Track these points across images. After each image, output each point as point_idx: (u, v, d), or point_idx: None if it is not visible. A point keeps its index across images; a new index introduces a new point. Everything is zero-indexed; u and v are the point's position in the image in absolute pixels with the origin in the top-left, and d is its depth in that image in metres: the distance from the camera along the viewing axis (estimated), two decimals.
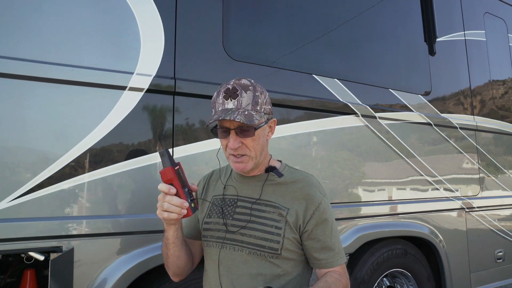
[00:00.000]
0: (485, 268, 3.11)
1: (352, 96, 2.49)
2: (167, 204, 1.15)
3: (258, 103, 1.24)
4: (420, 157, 2.78)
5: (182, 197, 1.16)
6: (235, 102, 1.21)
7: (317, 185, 1.34)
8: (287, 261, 1.27)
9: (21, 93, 1.56)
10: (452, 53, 3.18)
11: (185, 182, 1.20)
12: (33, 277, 1.69)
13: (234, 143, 1.23)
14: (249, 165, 1.27)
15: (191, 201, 1.19)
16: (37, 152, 1.58)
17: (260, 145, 1.27)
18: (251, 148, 1.25)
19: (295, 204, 1.28)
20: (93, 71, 1.69)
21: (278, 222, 1.26)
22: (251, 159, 1.27)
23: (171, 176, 1.16)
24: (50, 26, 1.64)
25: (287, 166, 1.40)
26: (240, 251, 1.27)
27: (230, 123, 1.23)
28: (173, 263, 1.33)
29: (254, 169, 1.34)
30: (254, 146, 1.25)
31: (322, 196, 1.30)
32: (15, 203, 1.51)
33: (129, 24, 1.80)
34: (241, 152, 1.25)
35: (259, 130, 1.25)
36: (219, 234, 1.31)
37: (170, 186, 1.16)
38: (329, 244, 1.29)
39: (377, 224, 2.49)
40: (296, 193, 1.29)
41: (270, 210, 1.28)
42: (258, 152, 1.27)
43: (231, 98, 1.22)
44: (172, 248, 1.29)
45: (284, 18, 2.37)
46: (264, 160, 1.35)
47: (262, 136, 1.28)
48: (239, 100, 1.22)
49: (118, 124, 1.72)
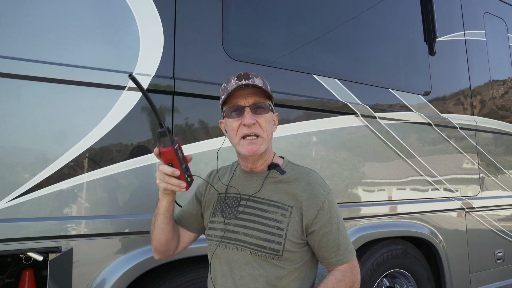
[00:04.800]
0: (485, 268, 3.11)
1: (352, 96, 2.48)
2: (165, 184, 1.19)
3: (268, 86, 1.30)
4: (420, 157, 2.78)
5: (181, 177, 1.19)
6: (249, 81, 1.24)
7: (320, 182, 1.32)
8: (289, 263, 1.26)
9: (20, 93, 1.55)
10: (452, 53, 3.17)
11: (183, 159, 1.21)
12: (31, 278, 1.69)
13: (250, 119, 1.23)
14: (262, 148, 1.26)
15: (187, 175, 1.22)
16: (36, 152, 1.58)
17: (270, 129, 1.30)
18: (264, 128, 1.26)
19: (299, 203, 1.27)
20: (92, 70, 1.68)
21: (280, 223, 1.25)
22: (264, 141, 1.27)
23: (171, 157, 1.17)
24: (49, 26, 1.64)
25: (289, 163, 1.39)
26: (243, 251, 1.27)
27: (245, 101, 1.25)
28: (156, 236, 1.35)
29: (260, 160, 1.33)
30: (266, 127, 1.27)
31: (325, 194, 1.29)
32: (14, 203, 1.51)
33: (128, 24, 1.80)
34: (255, 131, 1.25)
35: (270, 113, 1.30)
36: (222, 234, 1.31)
37: (173, 169, 1.17)
38: (335, 243, 1.28)
39: (377, 224, 2.49)
40: (299, 191, 1.28)
41: (272, 210, 1.27)
42: (269, 136, 1.29)
43: (244, 79, 1.25)
44: (160, 219, 1.31)
45: (284, 18, 2.37)
46: (270, 152, 1.36)
47: (271, 123, 1.31)
48: (252, 80, 1.25)
49: (117, 124, 1.72)
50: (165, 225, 1.33)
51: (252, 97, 1.26)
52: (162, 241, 1.37)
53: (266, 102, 1.29)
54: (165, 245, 1.38)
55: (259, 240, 1.24)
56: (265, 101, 1.29)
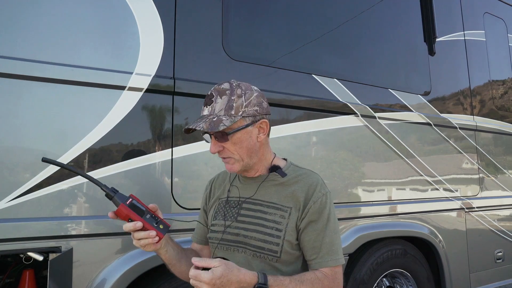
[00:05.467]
0: (485, 268, 3.11)
1: (352, 96, 2.48)
2: (136, 241, 1.19)
3: (232, 107, 1.22)
4: (420, 157, 2.78)
5: (147, 227, 1.18)
6: (209, 108, 1.23)
7: (319, 183, 1.31)
8: (288, 265, 1.25)
9: (20, 93, 1.55)
10: (451, 53, 3.18)
11: (143, 210, 1.20)
12: (32, 278, 1.69)
13: (213, 148, 1.26)
14: (235, 167, 1.27)
15: (157, 223, 1.20)
16: (36, 152, 1.57)
17: (244, 148, 1.26)
18: (233, 151, 1.25)
19: (297, 204, 1.27)
20: (92, 70, 1.68)
21: (279, 224, 1.25)
22: (236, 161, 1.27)
23: (126, 212, 1.18)
24: (49, 26, 1.64)
25: (292, 165, 1.38)
26: (244, 253, 1.27)
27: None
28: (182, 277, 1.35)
29: (251, 171, 1.33)
30: (236, 149, 1.25)
31: (320, 195, 1.27)
32: (14, 203, 1.51)
33: (128, 23, 1.80)
34: (225, 155, 1.27)
35: (239, 133, 1.23)
36: (223, 236, 1.31)
37: (134, 223, 1.17)
38: (318, 244, 1.24)
39: (376, 224, 2.49)
40: (297, 192, 1.28)
41: (272, 211, 1.27)
42: (243, 154, 1.26)
43: (207, 105, 1.25)
44: (171, 267, 1.33)
45: (284, 18, 2.37)
46: (260, 161, 1.33)
47: (246, 139, 1.26)
48: (212, 106, 1.23)
49: (117, 124, 1.72)
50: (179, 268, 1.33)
51: None
52: None
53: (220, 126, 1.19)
54: None
55: (258, 242, 1.24)
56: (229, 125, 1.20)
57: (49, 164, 1.57)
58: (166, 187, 1.82)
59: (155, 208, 1.24)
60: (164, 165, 1.82)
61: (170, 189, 1.83)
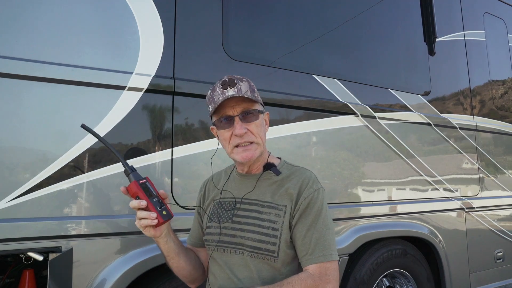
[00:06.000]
0: (485, 268, 3.11)
1: (352, 96, 2.48)
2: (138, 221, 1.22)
3: (254, 91, 1.28)
4: (420, 157, 2.78)
5: (151, 208, 1.21)
6: (235, 89, 1.23)
7: (312, 180, 1.30)
8: (286, 265, 1.25)
9: (20, 93, 1.55)
10: (451, 53, 3.18)
11: (153, 192, 1.24)
12: (32, 278, 1.69)
13: (241, 129, 1.23)
14: (257, 153, 1.27)
15: (162, 209, 1.23)
16: (36, 152, 1.58)
17: (263, 132, 1.29)
18: (256, 134, 1.26)
19: (291, 201, 1.26)
20: (92, 71, 1.68)
21: (275, 224, 1.24)
22: (258, 146, 1.27)
23: (135, 190, 1.22)
24: (49, 26, 1.64)
25: (286, 163, 1.38)
26: (241, 254, 1.26)
27: (233, 111, 1.24)
28: (178, 273, 1.37)
29: (255, 164, 1.33)
30: (259, 132, 1.27)
31: (312, 191, 1.26)
32: (14, 203, 1.51)
33: (128, 24, 1.80)
34: (248, 139, 1.25)
35: (260, 116, 1.29)
36: (219, 238, 1.31)
37: (139, 200, 1.20)
38: (307, 240, 1.22)
39: (376, 224, 2.49)
40: (290, 189, 1.28)
41: (267, 211, 1.27)
42: (263, 138, 1.29)
43: (229, 86, 1.23)
44: (169, 260, 1.33)
45: (284, 18, 2.37)
46: (264, 153, 1.35)
47: (263, 125, 1.31)
48: (238, 87, 1.23)
49: (117, 124, 1.72)
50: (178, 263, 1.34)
51: (240, 105, 1.24)
52: (186, 275, 1.38)
53: (255, 107, 1.27)
54: (190, 276, 1.39)
55: (254, 242, 1.24)
56: (253, 106, 1.26)
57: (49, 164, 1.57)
58: (166, 187, 1.82)
59: (165, 195, 1.26)
60: (164, 165, 1.82)
61: (170, 189, 1.83)
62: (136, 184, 1.22)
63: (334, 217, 1.31)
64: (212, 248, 1.33)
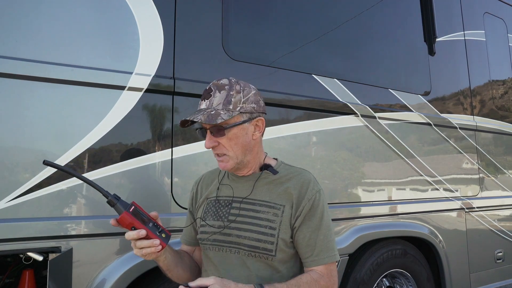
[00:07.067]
0: (485, 268, 3.11)
1: (352, 96, 2.48)
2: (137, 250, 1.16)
3: (231, 102, 1.22)
4: (420, 157, 2.78)
5: (151, 235, 1.15)
6: (207, 102, 1.23)
7: (311, 180, 1.30)
8: (283, 264, 1.25)
9: (20, 93, 1.55)
10: (451, 53, 3.18)
11: (146, 218, 1.17)
12: (31, 278, 1.69)
13: (208, 143, 1.24)
14: (229, 165, 1.26)
15: (160, 232, 1.17)
16: (36, 152, 1.57)
17: (240, 144, 1.25)
18: (228, 148, 1.24)
19: (290, 202, 1.26)
20: (92, 71, 1.68)
21: (272, 222, 1.24)
22: (230, 158, 1.25)
23: (130, 220, 1.13)
24: (49, 26, 1.64)
25: (282, 163, 1.38)
26: (237, 253, 1.26)
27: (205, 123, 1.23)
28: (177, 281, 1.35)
29: (244, 169, 1.32)
30: (231, 145, 1.24)
31: (314, 192, 1.27)
32: (14, 203, 1.51)
33: (128, 24, 1.80)
34: (219, 151, 1.25)
35: (235, 129, 1.23)
36: (215, 237, 1.30)
37: (137, 231, 1.13)
38: (313, 242, 1.24)
39: (376, 225, 2.49)
40: (289, 189, 1.27)
41: (264, 210, 1.26)
42: (238, 152, 1.25)
43: (205, 98, 1.24)
44: (168, 273, 1.32)
45: (284, 18, 2.37)
46: (254, 159, 1.32)
47: (242, 136, 1.25)
48: (211, 100, 1.23)
49: (117, 124, 1.72)
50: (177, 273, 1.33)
51: None
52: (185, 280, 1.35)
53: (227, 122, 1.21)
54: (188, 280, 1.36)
55: (252, 241, 1.23)
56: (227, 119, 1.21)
57: None
58: (166, 187, 1.82)
59: (156, 216, 1.22)
60: (164, 165, 1.82)
61: (170, 189, 1.83)
62: (128, 214, 1.13)
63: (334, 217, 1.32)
64: (206, 247, 1.33)
